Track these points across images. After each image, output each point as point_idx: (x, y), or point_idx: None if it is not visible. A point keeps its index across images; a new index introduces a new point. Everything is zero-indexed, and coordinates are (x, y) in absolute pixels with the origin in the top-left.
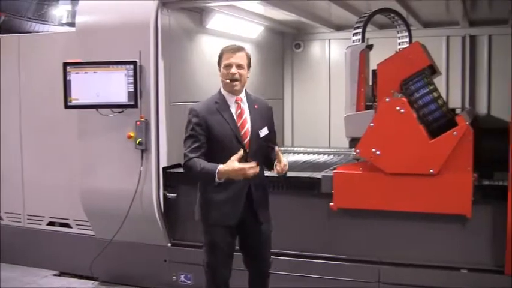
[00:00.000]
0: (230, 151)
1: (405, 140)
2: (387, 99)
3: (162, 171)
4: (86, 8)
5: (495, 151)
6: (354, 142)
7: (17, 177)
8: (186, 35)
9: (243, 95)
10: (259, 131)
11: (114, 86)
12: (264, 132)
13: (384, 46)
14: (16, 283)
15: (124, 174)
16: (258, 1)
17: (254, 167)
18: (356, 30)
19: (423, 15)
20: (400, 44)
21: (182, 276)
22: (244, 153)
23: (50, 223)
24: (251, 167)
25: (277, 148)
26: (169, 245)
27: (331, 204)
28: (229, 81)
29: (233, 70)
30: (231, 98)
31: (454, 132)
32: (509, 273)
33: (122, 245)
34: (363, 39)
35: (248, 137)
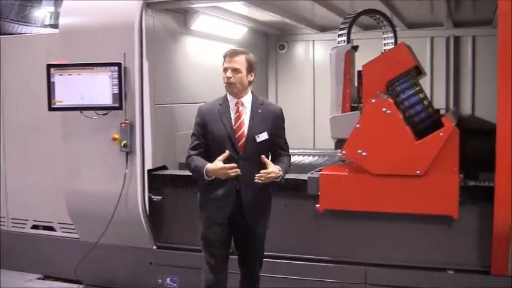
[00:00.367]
0: (224, 151)
1: (391, 141)
2: (373, 100)
3: (147, 173)
4: (70, 9)
5: (480, 152)
6: (340, 143)
7: (0, 180)
8: (171, 37)
9: (247, 99)
10: (256, 136)
11: (98, 88)
12: (263, 137)
13: (369, 47)
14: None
15: (109, 176)
16: (242, 2)
17: (236, 169)
18: (341, 31)
19: (407, 16)
20: (386, 45)
21: (168, 279)
22: (236, 155)
23: (34, 226)
24: (232, 168)
25: (263, 157)
26: (154, 248)
27: (317, 205)
28: (225, 84)
29: (228, 74)
30: (233, 101)
31: (440, 133)
32: (495, 273)
33: (107, 248)
34: (349, 40)
35: (243, 140)
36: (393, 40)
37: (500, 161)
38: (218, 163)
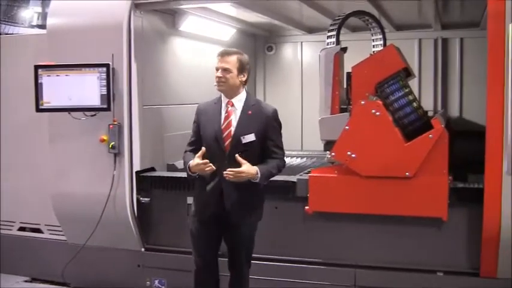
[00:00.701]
0: (212, 150)
1: (381, 143)
2: (362, 102)
3: (135, 175)
4: (58, 10)
5: (468, 154)
6: (329, 145)
7: None
8: (159, 37)
9: (239, 99)
10: (241, 137)
11: (86, 89)
12: (249, 138)
13: (357, 49)
14: None
15: (97, 178)
16: (231, 3)
17: (209, 166)
18: (330, 32)
19: (395, 17)
20: (375, 47)
21: (156, 281)
22: (222, 154)
23: (21, 228)
24: (205, 164)
25: (237, 156)
26: (142, 250)
27: (306, 207)
28: (216, 84)
29: (218, 74)
30: (225, 101)
31: (430, 135)
32: (485, 275)
33: (95, 250)
34: (338, 41)
35: (229, 140)
36: (382, 42)
37: (489, 163)
38: (196, 159)
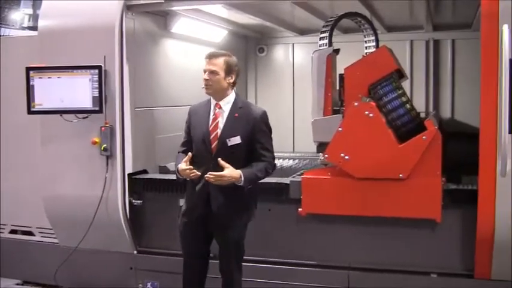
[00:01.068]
0: (200, 152)
1: (374, 145)
2: (356, 103)
3: (128, 177)
4: (49, 11)
5: (460, 155)
6: (322, 147)
7: None
8: (151, 39)
9: (227, 101)
10: (227, 139)
11: (78, 91)
12: (235, 141)
13: (348, 50)
14: None
15: (89, 180)
16: (222, 4)
17: (193, 172)
18: (323, 34)
19: (387, 18)
20: (367, 48)
21: (148, 284)
22: (209, 156)
23: (13, 231)
24: (189, 170)
25: (219, 159)
26: (135, 253)
27: (299, 209)
28: (203, 86)
29: (205, 76)
30: (213, 103)
31: (423, 136)
32: (479, 277)
33: (87, 253)
34: (330, 43)
35: (215, 143)
36: (375, 43)
37: (483, 165)
38: (182, 164)
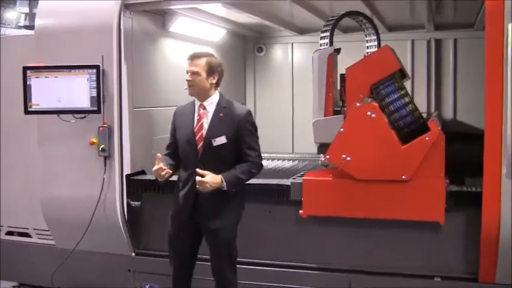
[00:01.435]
0: (186, 153)
1: (376, 146)
2: (358, 104)
3: (126, 178)
4: (46, 10)
5: (463, 156)
6: (323, 148)
7: None
8: (149, 39)
9: (211, 102)
10: (212, 139)
11: (76, 91)
12: (220, 141)
13: (349, 50)
14: None
15: (86, 181)
16: (221, 3)
17: (165, 170)
18: (324, 33)
19: (388, 18)
20: (369, 48)
21: (147, 286)
22: (195, 157)
23: (9, 232)
24: (160, 169)
25: (197, 170)
26: (133, 255)
27: (300, 211)
28: (185, 88)
29: (187, 77)
30: (197, 104)
31: (427, 137)
32: (483, 281)
33: (85, 255)
34: (331, 42)
35: (201, 143)
36: (376, 43)
37: (488, 166)
38: (156, 166)
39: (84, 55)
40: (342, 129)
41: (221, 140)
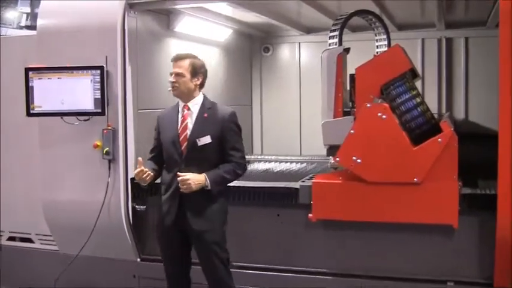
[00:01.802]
0: (170, 155)
1: (387, 148)
2: (368, 104)
3: (131, 182)
4: (48, 10)
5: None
6: (333, 150)
7: None
8: (154, 39)
9: (195, 103)
10: (197, 139)
11: (79, 93)
12: (204, 141)
13: (358, 49)
14: None
15: (90, 185)
16: (227, 2)
17: (145, 173)
18: (332, 33)
19: (398, 16)
20: (378, 47)
21: None
22: (179, 158)
23: (11, 238)
24: (141, 172)
25: (178, 173)
26: (138, 260)
27: (309, 215)
28: (169, 89)
29: (171, 79)
30: (181, 105)
31: (439, 139)
32: (498, 286)
33: (88, 261)
34: (340, 42)
35: (185, 144)
36: (386, 42)
37: (502, 168)
38: (137, 169)
39: (87, 56)
40: (352, 130)
41: (206, 140)
